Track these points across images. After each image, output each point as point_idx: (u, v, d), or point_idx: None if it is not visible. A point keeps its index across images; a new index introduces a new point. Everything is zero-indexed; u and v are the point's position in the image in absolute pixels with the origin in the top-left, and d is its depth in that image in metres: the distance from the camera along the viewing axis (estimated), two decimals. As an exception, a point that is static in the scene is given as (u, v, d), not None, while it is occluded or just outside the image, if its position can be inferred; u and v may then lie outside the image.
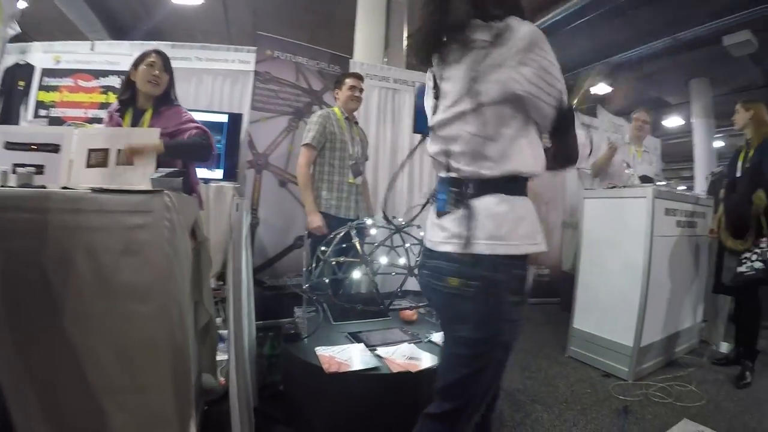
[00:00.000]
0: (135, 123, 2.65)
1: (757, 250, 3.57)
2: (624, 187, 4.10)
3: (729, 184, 4.01)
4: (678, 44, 9.86)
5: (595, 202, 4.24)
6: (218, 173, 4.62)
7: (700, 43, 9.74)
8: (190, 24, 9.58)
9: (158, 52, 2.72)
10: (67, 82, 4.93)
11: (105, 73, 4.93)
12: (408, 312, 3.13)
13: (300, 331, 2.65)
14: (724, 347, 4.46)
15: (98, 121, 4.49)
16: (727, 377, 3.80)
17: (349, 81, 3.71)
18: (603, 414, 3.08)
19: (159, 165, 2.29)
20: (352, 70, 5.32)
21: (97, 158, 2.26)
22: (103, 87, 4.91)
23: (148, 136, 2.36)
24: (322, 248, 2.75)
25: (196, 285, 2.13)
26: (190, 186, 2.68)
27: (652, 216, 3.70)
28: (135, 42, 5.25)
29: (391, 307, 2.82)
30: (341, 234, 2.78)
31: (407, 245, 2.89)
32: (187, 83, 4.95)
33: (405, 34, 7.01)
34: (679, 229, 4.13)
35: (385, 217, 2.50)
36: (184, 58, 5.10)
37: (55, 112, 4.85)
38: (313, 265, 2.74)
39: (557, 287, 6.34)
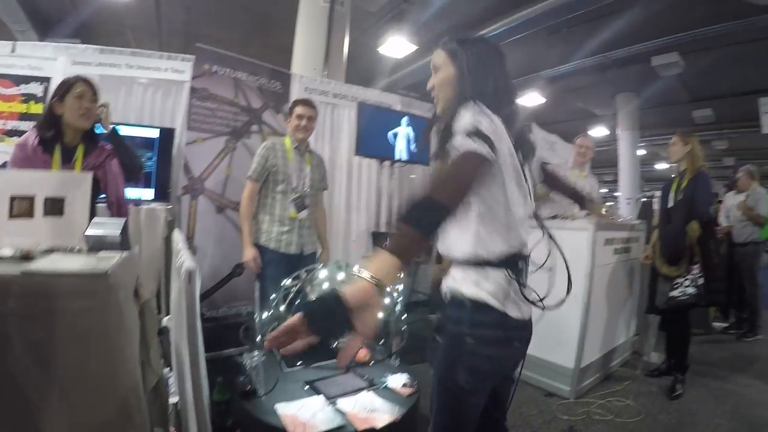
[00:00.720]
0: (66, 161, 2.43)
1: (690, 276, 3.79)
2: (567, 217, 4.18)
3: (663, 214, 4.19)
4: (608, 62, 10.26)
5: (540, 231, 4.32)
6: (149, 193, 4.33)
7: (630, 62, 10.19)
8: (120, 19, 9.12)
9: (85, 81, 2.49)
10: (-16, 87, 4.48)
11: (27, 80, 4.44)
12: (361, 352, 3.04)
13: (255, 387, 2.48)
14: (655, 357, 4.70)
15: (18, 133, 4.15)
16: (660, 389, 4.06)
17: (297, 109, 3.58)
18: None
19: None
20: (293, 84, 5.23)
21: (21, 207, 2.01)
22: (24, 95, 4.43)
23: (81, 181, 2.14)
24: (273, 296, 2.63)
25: (143, 346, 1.93)
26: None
27: (593, 248, 3.85)
28: (60, 44, 4.85)
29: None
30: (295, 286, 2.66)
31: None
32: (115, 93, 4.58)
33: (346, 47, 6.85)
34: (616, 255, 4.33)
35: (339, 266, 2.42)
36: (113, 64, 4.72)
37: (-31, 124, 4.39)
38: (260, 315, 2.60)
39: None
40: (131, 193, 3.91)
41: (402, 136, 5.44)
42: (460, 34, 1.62)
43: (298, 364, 2.83)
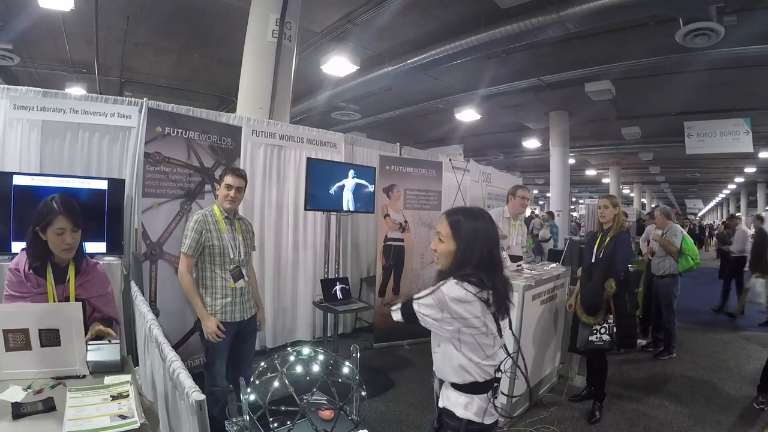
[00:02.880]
0: (59, 281, 2.46)
1: (606, 325, 4.33)
2: None
3: (585, 269, 4.66)
4: (543, 84, 10.68)
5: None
6: (100, 246, 4.21)
7: (564, 85, 10.71)
8: (57, 25, 8.76)
9: (66, 213, 2.42)
10: None
11: None
12: (326, 413, 3.18)
13: None
14: (579, 381, 5.23)
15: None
16: (582, 413, 4.59)
17: (227, 179, 3.52)
18: None
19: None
20: (244, 129, 5.28)
21: (17, 340, 2.12)
22: None
23: (71, 311, 2.24)
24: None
25: None
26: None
27: (523, 305, 4.20)
28: (1, 86, 4.61)
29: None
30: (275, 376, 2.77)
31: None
32: (60, 140, 4.50)
33: (291, 84, 6.83)
34: (542, 306, 4.73)
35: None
36: (57, 109, 4.49)
37: None
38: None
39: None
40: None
41: (348, 188, 5.56)
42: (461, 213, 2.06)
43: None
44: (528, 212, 15.04)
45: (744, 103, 11.71)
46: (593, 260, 4.49)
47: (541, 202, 36.58)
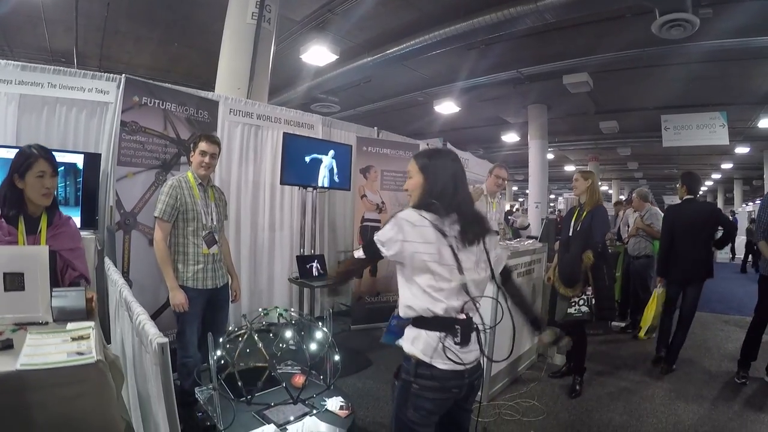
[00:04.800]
0: (31, 231, 2.48)
1: (584, 297, 4.35)
2: None
3: (563, 242, 4.70)
4: (522, 77, 10.78)
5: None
6: (75, 221, 4.24)
7: (542, 78, 10.82)
8: (35, 11, 8.70)
9: (46, 158, 2.48)
10: None
11: None
12: (297, 378, 3.22)
13: (215, 422, 2.65)
14: (558, 359, 5.29)
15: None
16: (562, 389, 4.61)
17: (201, 145, 3.51)
18: None
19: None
20: (221, 107, 5.33)
21: None
22: None
23: (38, 255, 2.23)
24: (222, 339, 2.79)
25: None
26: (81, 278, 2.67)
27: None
28: None
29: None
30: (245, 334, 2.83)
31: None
32: (37, 114, 4.47)
33: (270, 66, 6.89)
34: (520, 278, 4.74)
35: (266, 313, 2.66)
36: (34, 83, 4.46)
37: None
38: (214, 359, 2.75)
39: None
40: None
41: (325, 165, 5.60)
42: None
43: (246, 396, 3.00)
44: (507, 207, 15.17)
45: (721, 98, 11.90)
46: (570, 233, 4.54)
47: (521, 199, 36.78)
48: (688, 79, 10.65)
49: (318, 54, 9.01)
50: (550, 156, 16.08)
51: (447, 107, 12.67)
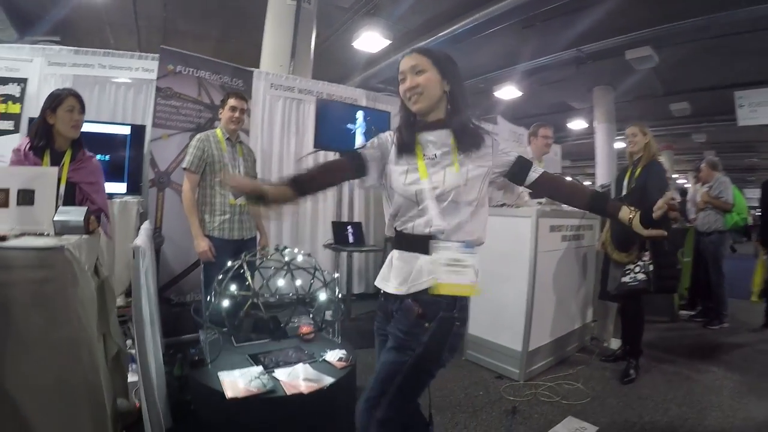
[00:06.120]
0: (55, 163, 2.70)
1: (640, 263, 3.82)
2: (514, 205, 4.25)
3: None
4: (583, 55, 10.36)
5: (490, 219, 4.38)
6: (122, 187, 4.58)
7: (604, 55, 10.27)
8: (98, 16, 9.20)
9: (75, 95, 2.77)
10: (-36, 90, 4.68)
11: (4, 81, 4.65)
12: (305, 329, 3.26)
13: (204, 356, 2.75)
14: (615, 344, 4.72)
15: (-1, 132, 4.40)
16: (614, 374, 4.08)
17: (231, 101, 3.65)
18: (493, 415, 3.24)
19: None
20: (256, 81, 5.40)
21: None
22: (2, 95, 4.64)
23: (48, 175, 2.38)
24: (219, 277, 2.84)
25: (103, 318, 2.24)
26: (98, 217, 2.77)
27: (536, 234, 3.92)
28: (36, 46, 5.18)
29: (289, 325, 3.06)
30: (236, 266, 2.87)
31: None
32: (89, 92, 4.86)
33: (313, 44, 7.07)
34: (565, 243, 4.39)
35: (277, 249, 2.65)
36: (87, 64, 5.03)
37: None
38: (210, 296, 2.82)
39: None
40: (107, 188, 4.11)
41: (361, 131, 5.61)
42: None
43: (247, 341, 3.12)
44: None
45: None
46: (624, 193, 4.11)
47: (587, 182, 35.40)
48: (763, 51, 9.79)
49: (370, 40, 9.00)
50: (620, 145, 15.37)
51: (508, 92, 12.31)
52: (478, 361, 4.29)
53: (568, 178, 3.67)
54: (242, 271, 2.87)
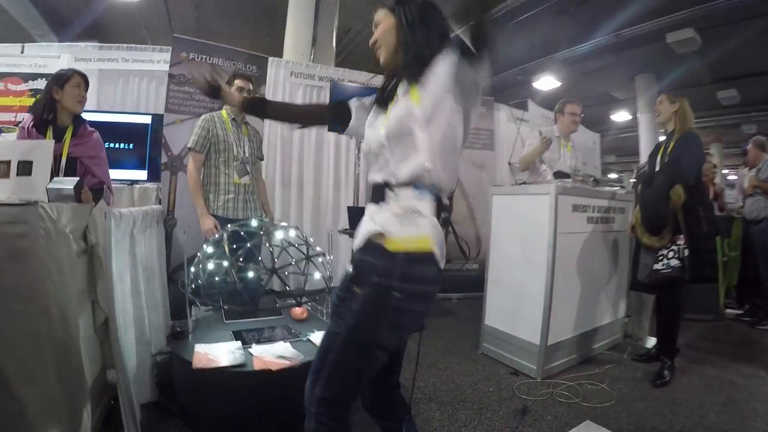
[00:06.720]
0: (57, 139, 2.83)
1: (674, 247, 3.39)
2: (531, 183, 4.06)
3: (647, 178, 3.76)
4: (622, 41, 10.00)
5: (503, 198, 4.17)
6: (142, 174, 4.64)
7: (644, 40, 9.88)
8: (132, 19, 9.48)
9: (80, 74, 2.95)
10: (-3, 86, 4.97)
11: (34, 77, 4.98)
12: (298, 310, 3.24)
13: (185, 329, 2.82)
14: (650, 342, 4.35)
15: (27, 125, 4.64)
16: (646, 375, 3.64)
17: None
18: (499, 414, 2.97)
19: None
20: (271, 68, 5.51)
21: (1, 169, 2.39)
22: (32, 90, 4.94)
23: (45, 147, 2.48)
24: (210, 250, 2.84)
25: (91, 285, 2.36)
26: (101, 190, 3.01)
27: (555, 213, 3.56)
28: (63, 44, 5.40)
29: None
30: (224, 235, 2.87)
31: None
32: (114, 85, 5.15)
33: (334, 32, 7.13)
34: (591, 225, 3.99)
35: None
36: (111, 59, 5.24)
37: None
38: (198, 269, 2.82)
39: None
40: (128, 175, 4.33)
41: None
42: None
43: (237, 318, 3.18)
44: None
45: None
46: (657, 169, 3.67)
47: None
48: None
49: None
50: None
51: (546, 82, 11.91)
52: (494, 355, 4.01)
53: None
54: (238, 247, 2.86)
